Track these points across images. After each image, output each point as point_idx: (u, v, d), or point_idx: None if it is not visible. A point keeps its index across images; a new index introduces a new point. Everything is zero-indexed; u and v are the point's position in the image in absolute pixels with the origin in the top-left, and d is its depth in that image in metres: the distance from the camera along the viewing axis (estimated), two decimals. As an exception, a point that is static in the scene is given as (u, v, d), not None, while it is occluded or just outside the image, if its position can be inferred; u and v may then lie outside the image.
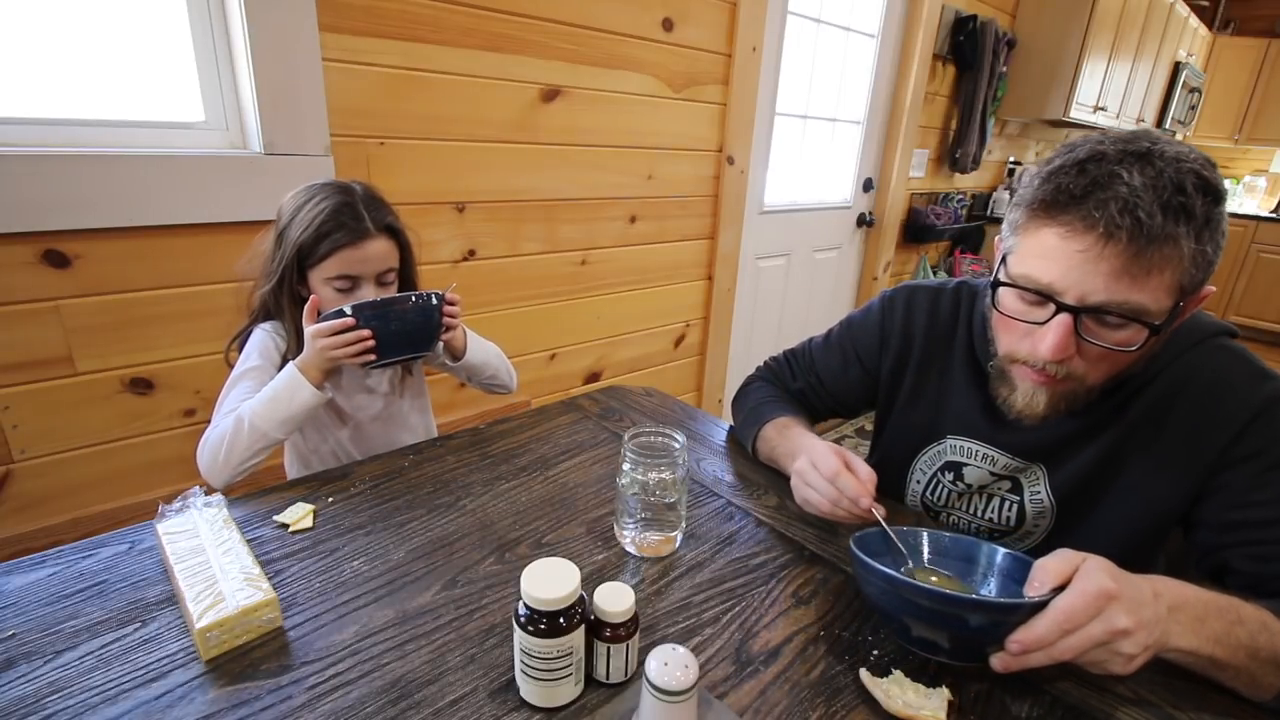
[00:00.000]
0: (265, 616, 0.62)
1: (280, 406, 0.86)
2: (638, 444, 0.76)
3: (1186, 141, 0.74)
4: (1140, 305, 0.61)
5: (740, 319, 2.36)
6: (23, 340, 1.05)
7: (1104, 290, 0.61)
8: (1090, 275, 0.62)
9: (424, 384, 1.17)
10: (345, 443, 1.05)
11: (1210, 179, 0.61)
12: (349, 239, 0.91)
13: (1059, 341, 0.64)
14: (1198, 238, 0.60)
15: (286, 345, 0.97)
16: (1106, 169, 0.61)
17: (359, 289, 0.94)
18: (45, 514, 1.13)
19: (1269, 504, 0.66)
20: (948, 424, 0.88)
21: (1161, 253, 0.59)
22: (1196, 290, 0.65)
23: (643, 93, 1.73)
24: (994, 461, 0.84)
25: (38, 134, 1.03)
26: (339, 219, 0.90)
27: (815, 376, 1.01)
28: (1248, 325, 4.67)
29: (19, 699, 0.54)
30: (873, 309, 0.96)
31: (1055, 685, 0.60)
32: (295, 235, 0.91)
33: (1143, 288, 0.61)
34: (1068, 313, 0.64)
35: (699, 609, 0.69)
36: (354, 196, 0.93)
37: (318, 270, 0.92)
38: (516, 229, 1.60)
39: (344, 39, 1.23)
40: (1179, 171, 0.60)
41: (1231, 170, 5.35)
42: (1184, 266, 0.61)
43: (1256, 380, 0.69)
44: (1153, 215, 0.58)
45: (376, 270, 0.94)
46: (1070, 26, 2.89)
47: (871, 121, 2.60)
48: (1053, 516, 0.82)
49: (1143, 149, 0.61)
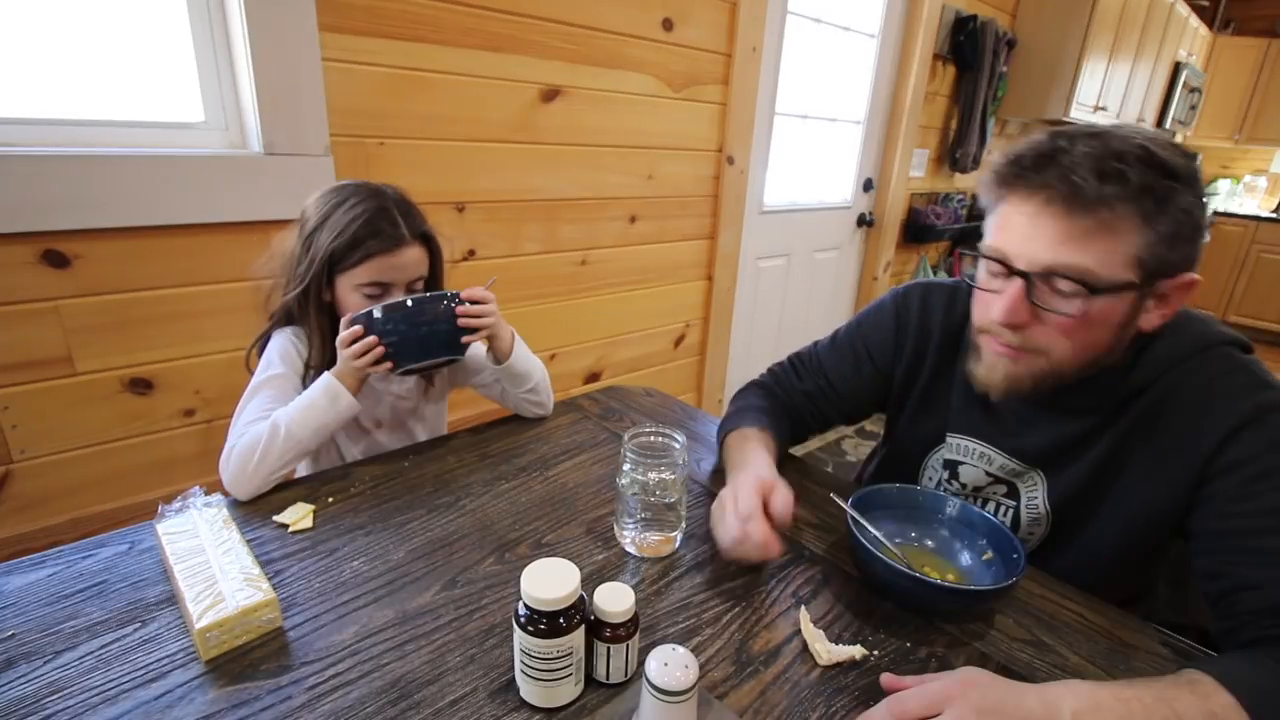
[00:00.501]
0: (265, 617, 0.62)
1: (317, 414, 0.85)
2: (638, 444, 0.76)
3: (1186, 141, 0.75)
4: (1084, 268, 0.63)
5: (740, 319, 2.36)
6: (22, 340, 1.05)
7: (1050, 253, 0.64)
8: (1035, 239, 0.65)
9: (444, 406, 1.14)
10: (355, 452, 1.04)
11: (1160, 155, 0.62)
12: (385, 247, 0.88)
13: (1009, 304, 0.67)
14: (1144, 209, 0.61)
15: (309, 351, 0.95)
16: (1058, 144, 0.65)
17: (387, 296, 0.91)
18: (45, 514, 1.13)
19: (1254, 514, 0.64)
20: (950, 421, 0.87)
21: (1098, 216, 0.62)
22: (1170, 273, 0.65)
23: (643, 93, 1.73)
24: (990, 461, 0.84)
25: (38, 134, 1.03)
26: (375, 225, 0.88)
27: (824, 378, 0.97)
28: (1248, 325, 4.67)
29: (19, 699, 0.54)
30: (885, 307, 0.93)
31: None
32: (326, 240, 0.88)
33: (1085, 250, 0.63)
34: (1019, 277, 0.66)
35: (699, 609, 0.69)
36: (388, 202, 0.91)
37: (348, 276, 0.90)
38: (517, 229, 1.60)
39: (344, 39, 1.23)
40: (1125, 144, 0.62)
41: (1231, 170, 5.35)
42: (1136, 239, 0.62)
43: (1250, 390, 0.68)
44: (1086, 179, 0.61)
45: (408, 278, 0.93)
46: (1070, 26, 2.88)
47: (871, 121, 2.60)
48: (1048, 526, 0.82)
49: (1100, 129, 0.65)
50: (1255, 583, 0.62)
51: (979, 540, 0.76)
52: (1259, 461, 0.65)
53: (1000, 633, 0.68)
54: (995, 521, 0.76)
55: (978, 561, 0.75)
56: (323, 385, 0.87)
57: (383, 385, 1.04)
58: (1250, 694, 0.53)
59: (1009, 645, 0.66)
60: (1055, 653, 0.66)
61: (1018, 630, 0.69)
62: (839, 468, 2.60)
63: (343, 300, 0.92)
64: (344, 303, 0.92)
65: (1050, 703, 0.52)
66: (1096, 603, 0.74)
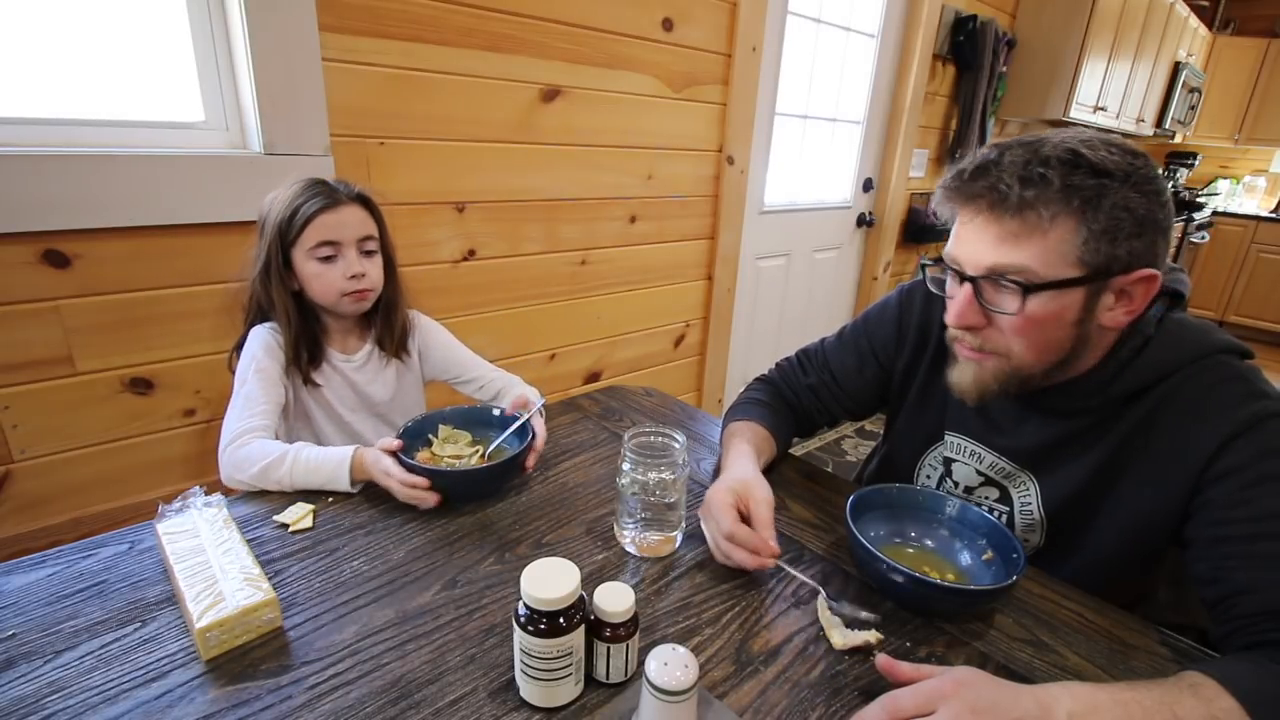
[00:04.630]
0: (265, 616, 0.62)
1: (316, 479, 0.84)
2: (638, 444, 0.76)
3: (1186, 141, 0.75)
4: (1023, 266, 0.66)
5: (740, 319, 2.36)
6: (23, 340, 1.05)
7: (990, 256, 0.68)
8: (975, 244, 0.69)
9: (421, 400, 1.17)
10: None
11: (1088, 156, 0.64)
12: (323, 204, 0.94)
13: (957, 308, 0.71)
14: (1072, 208, 0.63)
15: (284, 341, 0.97)
16: (990, 156, 0.68)
17: (342, 257, 0.95)
18: (45, 514, 1.13)
19: (1250, 520, 0.64)
20: (948, 419, 0.88)
21: (1024, 219, 0.65)
22: (1121, 269, 0.65)
23: (642, 93, 1.73)
24: (980, 459, 0.84)
25: (38, 134, 1.03)
26: (310, 191, 0.94)
27: (829, 373, 0.98)
28: (1248, 325, 4.67)
29: (19, 699, 0.54)
30: (890, 304, 0.95)
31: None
32: (274, 219, 0.94)
33: (1021, 250, 0.66)
34: (967, 281, 0.70)
35: (699, 609, 0.69)
36: (324, 178, 0.98)
37: (299, 245, 0.94)
38: (516, 229, 1.60)
39: (344, 39, 1.23)
40: (1054, 149, 0.65)
41: (1231, 170, 5.34)
42: (1072, 237, 0.64)
43: (1245, 399, 0.67)
44: (1011, 185, 0.65)
45: (356, 236, 0.96)
46: (1070, 26, 2.88)
47: (871, 121, 2.60)
48: (1043, 533, 0.82)
49: (1036, 136, 0.68)
50: (1251, 587, 0.62)
51: (979, 540, 0.76)
52: (1253, 468, 0.65)
53: (1000, 632, 0.68)
54: (995, 521, 0.76)
55: (978, 561, 0.75)
56: (336, 461, 0.84)
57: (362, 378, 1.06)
58: (1253, 698, 0.53)
59: (1008, 645, 0.66)
60: (1055, 652, 0.66)
61: (1017, 630, 0.69)
62: (839, 468, 2.60)
63: (301, 273, 0.96)
64: (303, 275, 0.96)
65: (1046, 704, 0.52)
66: (1096, 603, 0.74)
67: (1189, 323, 0.74)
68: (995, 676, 0.54)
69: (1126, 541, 0.76)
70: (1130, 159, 0.65)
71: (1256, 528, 0.63)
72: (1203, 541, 0.68)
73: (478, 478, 0.86)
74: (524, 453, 0.87)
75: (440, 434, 0.92)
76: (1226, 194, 5.24)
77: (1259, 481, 0.64)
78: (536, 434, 0.91)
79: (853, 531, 0.71)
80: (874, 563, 0.69)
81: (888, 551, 0.71)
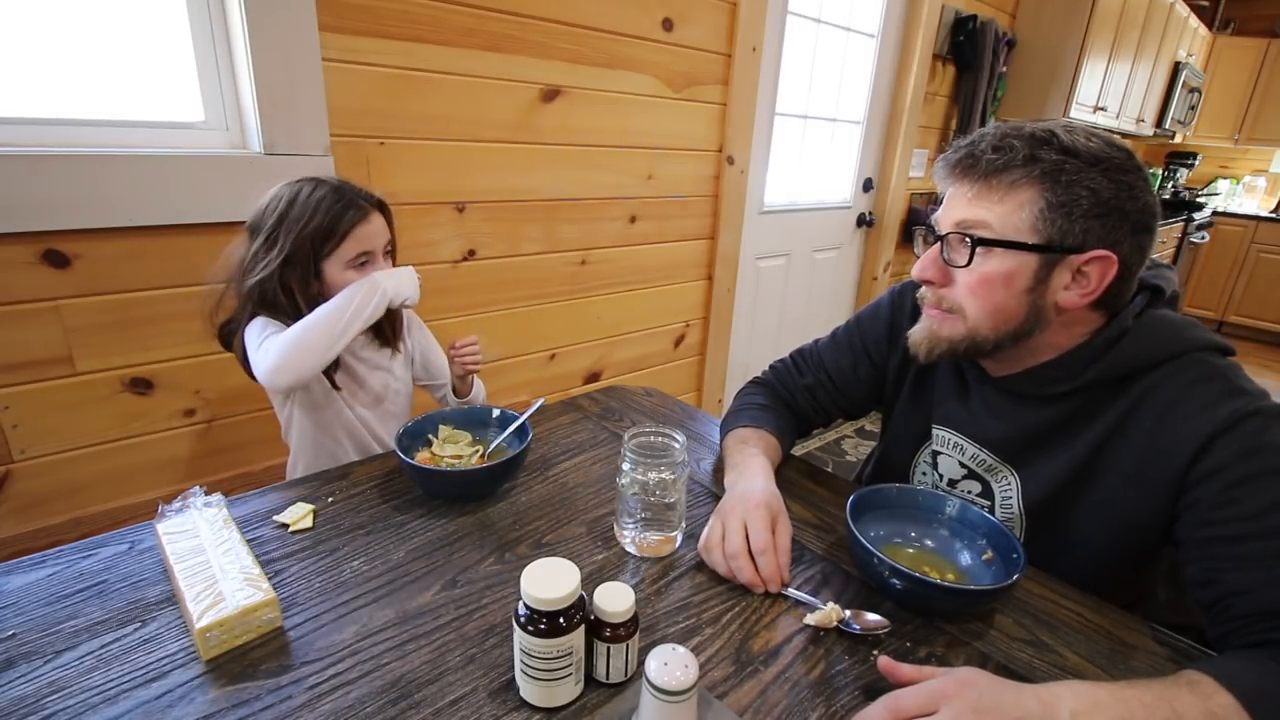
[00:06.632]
0: (265, 616, 0.62)
1: (342, 304, 0.90)
2: (638, 444, 0.76)
3: (1186, 141, 0.77)
4: (982, 221, 0.71)
5: (740, 319, 2.36)
6: (23, 340, 1.05)
7: (959, 213, 0.73)
8: (951, 207, 0.74)
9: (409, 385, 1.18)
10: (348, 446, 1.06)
11: (1063, 138, 0.68)
12: (360, 216, 0.94)
13: (920, 262, 0.77)
14: (1033, 176, 0.67)
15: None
16: (978, 134, 0.73)
17: (373, 264, 0.97)
18: (45, 514, 1.13)
19: (1238, 520, 0.64)
20: (934, 413, 0.89)
21: (988, 182, 0.70)
22: (1076, 247, 0.68)
23: (642, 93, 1.73)
24: (963, 450, 0.85)
25: (38, 134, 1.03)
26: (345, 201, 0.94)
27: (824, 373, 1.00)
28: (1248, 325, 4.68)
29: (19, 699, 0.54)
30: (882, 304, 0.97)
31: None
32: (302, 226, 0.91)
33: (985, 208, 0.71)
34: (937, 239, 0.75)
35: (699, 609, 0.69)
36: (339, 182, 0.97)
37: (336, 256, 0.94)
38: (516, 229, 1.60)
39: (344, 39, 1.23)
40: (1035, 127, 0.70)
41: (1231, 170, 5.34)
42: (1031, 206, 0.68)
43: (1225, 397, 0.67)
44: (985, 152, 0.70)
45: (383, 243, 0.98)
46: (1070, 26, 2.88)
47: (871, 121, 2.60)
48: (1023, 528, 0.82)
49: (1033, 120, 0.73)
50: (1244, 588, 0.62)
51: (979, 540, 0.76)
52: (1237, 467, 0.65)
53: (1000, 632, 0.68)
54: (995, 521, 0.76)
55: (978, 561, 0.75)
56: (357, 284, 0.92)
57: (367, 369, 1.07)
58: (1251, 694, 0.53)
59: (1008, 645, 0.66)
60: (1054, 652, 0.66)
61: (1017, 630, 0.69)
62: (839, 467, 2.60)
63: (332, 280, 0.95)
64: (334, 282, 0.95)
65: (1049, 703, 0.52)
66: (1096, 602, 0.74)
67: (1169, 318, 0.74)
68: (997, 676, 0.55)
69: (1114, 540, 0.76)
70: (1108, 149, 0.68)
71: (1245, 528, 0.63)
72: (1192, 543, 0.68)
73: (478, 478, 0.86)
74: (524, 453, 0.88)
75: (440, 434, 0.92)
76: (1226, 194, 5.24)
77: (1244, 481, 0.64)
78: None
79: (853, 532, 0.71)
80: (874, 563, 0.69)
81: (888, 551, 0.71)
